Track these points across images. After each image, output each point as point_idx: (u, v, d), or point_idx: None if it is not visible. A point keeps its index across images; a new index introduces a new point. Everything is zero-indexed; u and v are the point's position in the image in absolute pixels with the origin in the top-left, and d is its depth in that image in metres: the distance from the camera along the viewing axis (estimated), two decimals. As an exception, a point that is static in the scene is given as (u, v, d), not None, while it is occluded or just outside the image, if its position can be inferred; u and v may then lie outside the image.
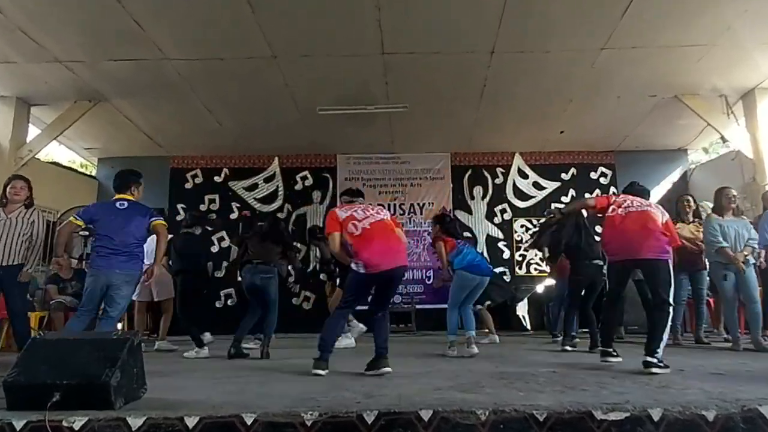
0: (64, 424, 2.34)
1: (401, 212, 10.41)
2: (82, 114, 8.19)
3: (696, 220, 6.54)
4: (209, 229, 8.81)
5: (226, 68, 7.18)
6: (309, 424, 2.33)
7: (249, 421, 2.34)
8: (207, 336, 6.50)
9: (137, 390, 2.87)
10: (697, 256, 6.32)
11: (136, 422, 2.36)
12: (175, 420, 2.36)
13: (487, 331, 7.25)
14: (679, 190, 9.46)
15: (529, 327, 9.32)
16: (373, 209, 4.32)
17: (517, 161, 10.76)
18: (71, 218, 4.65)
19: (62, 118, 8.28)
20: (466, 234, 10.14)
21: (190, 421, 2.34)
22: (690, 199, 6.68)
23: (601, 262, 5.87)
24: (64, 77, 7.35)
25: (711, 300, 7.12)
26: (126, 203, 4.69)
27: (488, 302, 7.22)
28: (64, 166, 10.81)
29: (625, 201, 4.42)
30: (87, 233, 5.78)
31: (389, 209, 10.23)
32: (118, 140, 9.68)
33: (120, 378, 2.65)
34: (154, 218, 4.72)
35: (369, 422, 2.34)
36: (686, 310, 7.02)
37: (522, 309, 9.48)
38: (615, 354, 4.34)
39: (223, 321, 8.48)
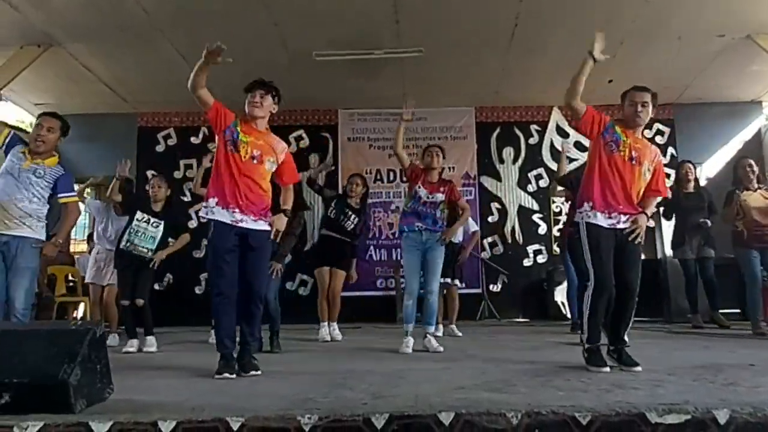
0: (15, 430, 2.34)
1: (415, 179, 10.35)
2: (30, 62, 8.16)
3: (762, 185, 6.67)
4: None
5: (202, 5, 7.11)
6: (307, 429, 2.33)
7: (236, 427, 2.34)
8: None
9: (102, 390, 2.88)
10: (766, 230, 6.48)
11: (100, 428, 2.36)
12: (147, 425, 2.36)
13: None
14: (752, 152, 9.35)
15: (569, 315, 9.30)
16: None
17: (556, 117, 10.67)
18: None
19: (6, 67, 8.23)
20: (495, 206, 10.17)
21: (165, 426, 2.34)
22: (752, 162, 6.77)
23: None
24: (6, 17, 7.30)
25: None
26: None
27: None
28: (11, 126, 10.77)
29: None
30: None
31: (401, 175, 10.21)
32: (74, 94, 9.65)
33: (80, 376, 2.64)
34: None
35: (378, 427, 2.33)
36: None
37: (561, 294, 9.47)
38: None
39: (203, 311, 8.50)
